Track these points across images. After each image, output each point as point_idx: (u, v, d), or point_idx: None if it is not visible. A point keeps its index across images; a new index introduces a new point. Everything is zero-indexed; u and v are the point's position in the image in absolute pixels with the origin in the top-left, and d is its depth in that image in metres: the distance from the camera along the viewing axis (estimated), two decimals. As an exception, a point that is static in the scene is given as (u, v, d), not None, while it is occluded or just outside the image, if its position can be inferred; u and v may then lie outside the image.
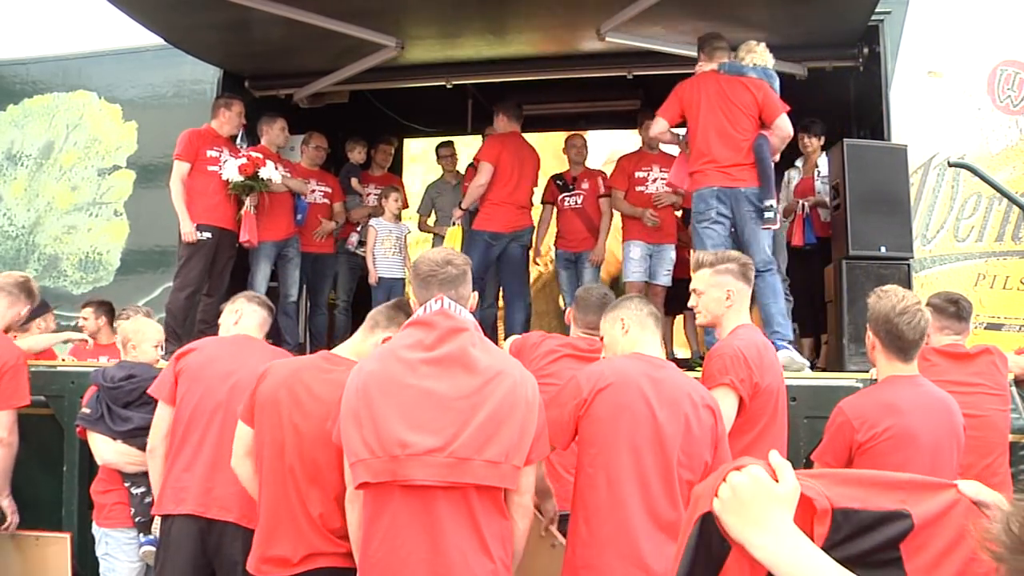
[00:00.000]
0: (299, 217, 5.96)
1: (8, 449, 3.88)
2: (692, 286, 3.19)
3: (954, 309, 3.62)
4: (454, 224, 6.02)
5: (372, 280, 6.22)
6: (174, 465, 3.15)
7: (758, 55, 4.72)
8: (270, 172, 5.44)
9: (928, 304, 3.46)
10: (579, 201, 6.28)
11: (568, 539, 2.62)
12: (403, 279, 6.67)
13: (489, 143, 5.99)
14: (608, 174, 6.35)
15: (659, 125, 4.82)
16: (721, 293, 3.09)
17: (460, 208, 5.99)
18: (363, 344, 2.85)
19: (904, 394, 2.87)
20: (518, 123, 6.02)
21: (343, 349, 2.90)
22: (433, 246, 7.00)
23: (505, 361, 2.48)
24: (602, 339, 3.01)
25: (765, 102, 4.57)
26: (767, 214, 4.52)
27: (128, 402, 3.59)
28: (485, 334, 2.55)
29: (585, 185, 6.33)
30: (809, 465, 3.08)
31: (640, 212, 5.90)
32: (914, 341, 2.88)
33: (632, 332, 2.82)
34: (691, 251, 3.90)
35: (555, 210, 6.45)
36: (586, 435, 2.58)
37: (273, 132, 5.82)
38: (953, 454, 2.86)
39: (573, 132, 6.68)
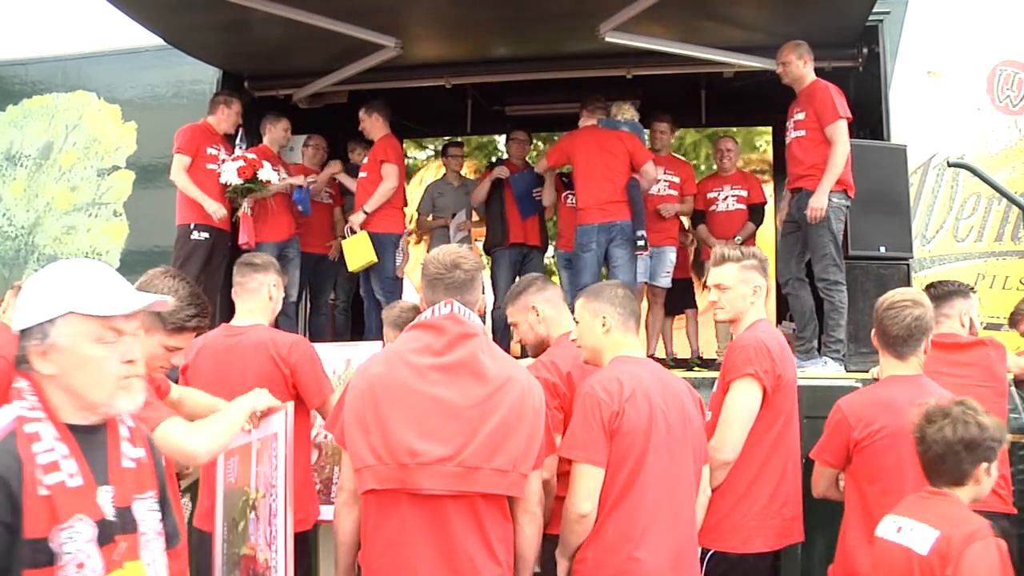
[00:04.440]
0: (301, 208, 5.92)
1: None
2: (715, 281, 3.10)
3: (933, 291, 3.54)
4: (353, 232, 5.78)
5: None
6: None
7: (626, 111, 5.80)
8: (268, 173, 5.44)
9: None
10: (574, 199, 6.29)
11: (590, 541, 2.55)
12: (401, 279, 6.67)
13: (392, 145, 5.90)
14: None
15: (542, 164, 5.96)
16: (748, 289, 3.06)
17: (366, 212, 5.73)
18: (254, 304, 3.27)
19: (902, 393, 2.85)
20: (389, 123, 5.98)
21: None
22: (431, 243, 6.99)
23: (513, 368, 2.47)
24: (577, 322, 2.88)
25: (634, 151, 5.50)
26: (639, 243, 5.41)
27: None
28: (495, 335, 2.55)
29: None
30: (809, 463, 3.08)
31: None
32: (898, 337, 2.87)
33: (614, 334, 2.71)
34: (690, 250, 3.97)
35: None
36: (619, 448, 2.51)
37: (276, 131, 5.85)
38: None
39: None
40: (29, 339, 1.66)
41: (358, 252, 5.72)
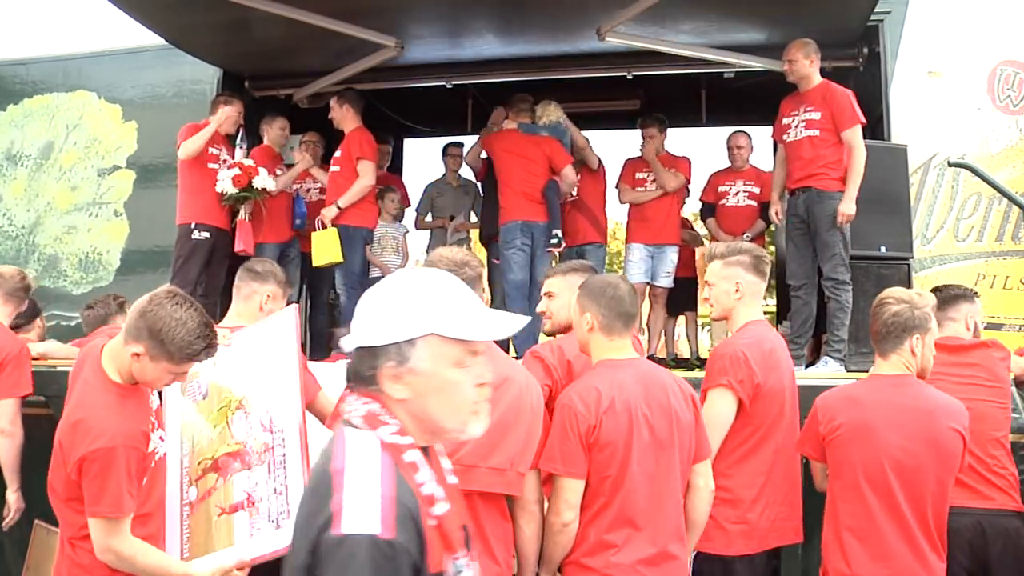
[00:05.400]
0: (298, 222, 5.95)
1: (11, 440, 3.86)
2: (705, 277, 3.16)
3: (939, 295, 3.47)
4: (324, 226, 5.64)
5: (386, 272, 6.24)
6: None
7: (551, 112, 5.92)
8: (264, 181, 5.41)
9: None
10: (575, 192, 6.27)
11: (572, 548, 2.55)
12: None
13: (367, 139, 5.77)
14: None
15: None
16: (730, 285, 3.06)
17: (339, 207, 5.60)
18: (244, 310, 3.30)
19: (872, 391, 2.84)
20: (361, 115, 5.88)
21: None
22: (429, 244, 7.00)
23: (511, 367, 2.47)
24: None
25: (553, 156, 5.67)
26: (552, 240, 5.66)
27: None
28: None
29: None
30: (806, 463, 3.08)
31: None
32: (878, 333, 2.87)
33: (597, 335, 2.64)
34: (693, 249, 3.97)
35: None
36: (599, 460, 2.49)
37: (274, 131, 5.87)
38: (929, 461, 2.71)
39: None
40: (382, 359, 1.46)
41: (326, 248, 5.60)
